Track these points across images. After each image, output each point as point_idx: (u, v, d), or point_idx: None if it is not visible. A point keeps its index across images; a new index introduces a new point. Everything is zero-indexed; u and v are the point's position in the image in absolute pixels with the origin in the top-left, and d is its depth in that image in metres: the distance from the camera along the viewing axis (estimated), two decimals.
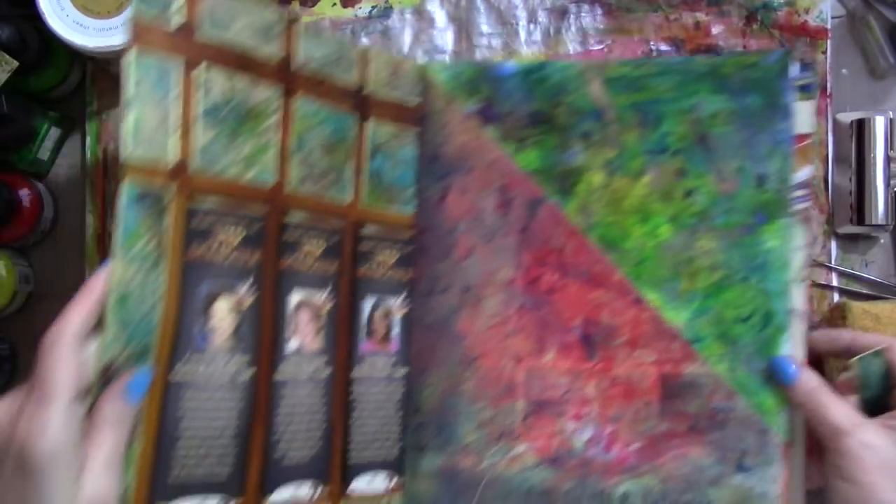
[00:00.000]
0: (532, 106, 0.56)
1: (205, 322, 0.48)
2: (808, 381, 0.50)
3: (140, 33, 0.46)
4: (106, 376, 0.45)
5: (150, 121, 0.46)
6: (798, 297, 0.52)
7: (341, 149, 0.54)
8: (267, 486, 0.51)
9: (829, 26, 0.59)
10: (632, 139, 0.55)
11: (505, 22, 0.60)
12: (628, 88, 0.55)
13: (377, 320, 0.57)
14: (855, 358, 0.51)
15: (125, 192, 0.45)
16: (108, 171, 0.59)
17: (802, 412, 0.50)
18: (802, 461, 0.52)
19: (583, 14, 0.60)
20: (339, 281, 0.55)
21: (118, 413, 0.44)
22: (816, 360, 0.53)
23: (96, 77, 0.60)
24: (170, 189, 0.47)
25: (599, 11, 0.60)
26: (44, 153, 0.59)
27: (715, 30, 0.60)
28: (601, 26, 0.60)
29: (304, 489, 0.53)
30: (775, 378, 0.51)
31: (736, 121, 0.53)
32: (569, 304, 0.55)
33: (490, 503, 0.55)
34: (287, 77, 0.52)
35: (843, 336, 0.53)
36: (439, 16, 0.60)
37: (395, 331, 0.57)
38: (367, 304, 0.56)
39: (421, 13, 0.59)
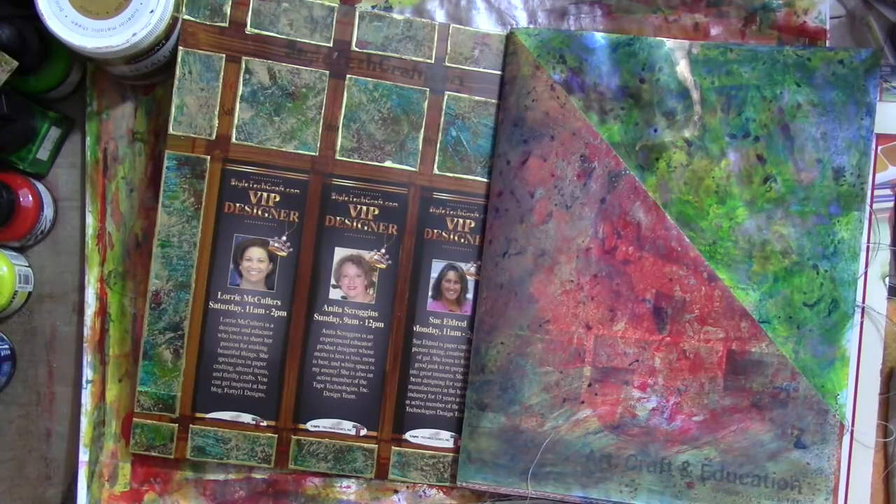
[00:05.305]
0: (618, 80, 0.57)
1: (238, 265, 0.57)
2: None
3: (187, 36, 0.56)
4: (155, 301, 0.56)
5: (191, 106, 0.56)
6: (876, 295, 0.55)
7: (404, 121, 0.58)
8: (302, 416, 0.57)
9: (827, 27, 0.58)
10: (714, 122, 0.56)
11: (505, 22, 0.60)
12: (715, 71, 0.56)
13: (448, 283, 0.58)
14: None
15: (167, 160, 0.56)
16: (107, 170, 0.59)
17: None
18: None
19: (582, 15, 0.60)
20: (398, 243, 0.58)
21: None
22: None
23: (96, 77, 0.59)
24: (207, 158, 0.56)
25: (599, 13, 0.60)
26: (44, 153, 0.59)
27: (714, 31, 0.60)
28: (601, 27, 0.59)
29: (346, 426, 0.57)
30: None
31: (818, 113, 0.55)
32: (643, 277, 0.56)
33: (550, 464, 0.56)
34: (337, 60, 0.57)
35: None
36: (439, 15, 0.59)
37: (469, 294, 0.58)
38: (436, 267, 0.58)
39: (421, 13, 0.59)
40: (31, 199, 0.57)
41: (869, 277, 0.56)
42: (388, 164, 0.58)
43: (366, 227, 0.58)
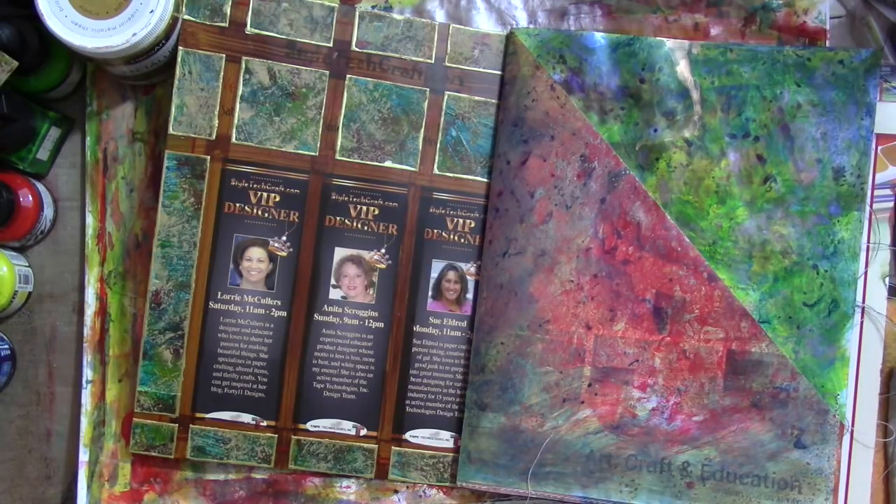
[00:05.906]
0: (618, 80, 0.57)
1: (238, 265, 0.57)
2: None
3: (187, 36, 0.56)
4: (155, 301, 0.56)
5: (191, 106, 0.56)
6: (876, 295, 0.55)
7: (404, 121, 0.58)
8: (302, 416, 0.57)
9: (827, 27, 0.58)
10: (714, 122, 0.56)
11: (505, 22, 0.60)
12: (715, 72, 0.56)
13: (448, 283, 0.58)
14: None
15: (167, 160, 0.56)
16: (107, 170, 0.59)
17: None
18: None
19: (582, 15, 0.60)
20: (398, 243, 0.58)
21: None
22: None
23: (96, 77, 0.59)
24: (207, 158, 0.57)
25: (599, 13, 0.60)
26: (44, 153, 0.59)
27: (714, 31, 0.60)
28: (601, 27, 0.59)
29: (346, 426, 0.57)
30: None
31: (818, 113, 0.55)
32: (643, 277, 0.56)
33: (550, 464, 0.56)
34: (337, 60, 0.57)
35: None
36: (439, 15, 0.59)
37: (469, 294, 0.58)
38: (436, 267, 0.58)
39: (421, 13, 0.59)
40: (31, 199, 0.57)
41: (869, 277, 0.56)
42: (388, 164, 0.58)
43: (366, 227, 0.58)
